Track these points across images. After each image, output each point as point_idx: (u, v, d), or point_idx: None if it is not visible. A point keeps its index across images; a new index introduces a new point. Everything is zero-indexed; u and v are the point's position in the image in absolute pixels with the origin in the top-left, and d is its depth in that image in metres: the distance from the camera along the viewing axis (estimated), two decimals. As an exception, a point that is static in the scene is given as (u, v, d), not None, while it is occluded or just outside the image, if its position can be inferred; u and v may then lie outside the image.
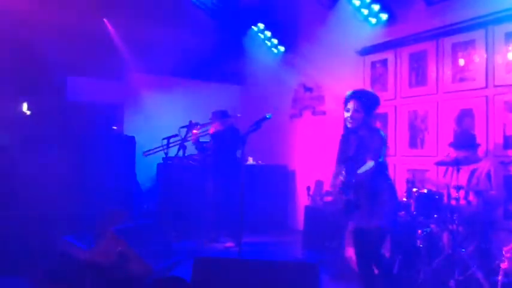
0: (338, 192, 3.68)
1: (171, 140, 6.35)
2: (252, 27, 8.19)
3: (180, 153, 6.35)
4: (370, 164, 3.50)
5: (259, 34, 8.24)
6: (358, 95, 3.72)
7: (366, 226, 3.52)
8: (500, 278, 3.88)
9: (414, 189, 4.74)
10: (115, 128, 7.05)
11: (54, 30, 6.63)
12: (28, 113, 7.70)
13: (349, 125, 3.71)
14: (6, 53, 6.41)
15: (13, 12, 6.31)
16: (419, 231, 4.55)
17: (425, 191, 4.71)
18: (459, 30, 5.60)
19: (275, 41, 8.22)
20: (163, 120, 7.57)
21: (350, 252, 4.73)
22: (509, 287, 3.86)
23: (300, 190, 7.95)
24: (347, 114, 3.70)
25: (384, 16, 6.42)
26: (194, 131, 6.46)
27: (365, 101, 3.68)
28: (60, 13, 6.64)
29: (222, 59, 8.13)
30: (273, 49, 8.27)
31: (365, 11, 6.53)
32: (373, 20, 6.52)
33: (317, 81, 7.77)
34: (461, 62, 5.63)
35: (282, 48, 8.23)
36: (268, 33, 8.20)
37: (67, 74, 7.28)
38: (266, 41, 8.26)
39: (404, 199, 4.81)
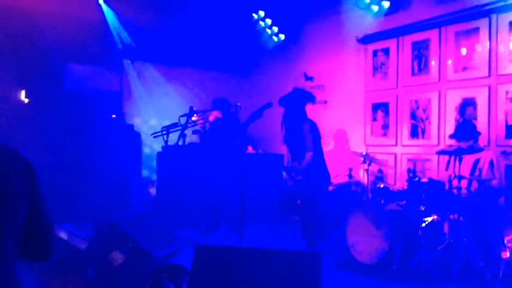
0: None
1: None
2: (253, 14, 8.10)
3: (180, 141, 6.30)
4: None
5: (260, 22, 8.15)
6: None
7: None
8: (501, 267, 3.88)
9: (415, 179, 4.73)
10: (114, 116, 6.99)
11: (53, 18, 6.56)
12: (26, 101, 7.64)
13: None
14: (5, 41, 6.34)
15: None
16: (421, 220, 4.55)
17: (426, 180, 4.70)
18: (462, 18, 5.55)
19: (275, 29, 8.14)
20: (163, 108, 7.53)
21: (351, 240, 4.73)
22: (511, 276, 3.86)
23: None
24: None
25: (386, 4, 6.35)
26: (193, 118, 6.42)
27: None
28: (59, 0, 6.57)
29: (223, 49, 8.05)
30: (273, 37, 8.19)
31: (367, -1, 6.46)
32: (375, 8, 6.45)
33: (318, 70, 7.71)
34: (464, 51, 5.58)
35: (282, 37, 8.15)
36: (269, 21, 8.11)
37: (66, 61, 7.20)
38: (267, 29, 8.18)
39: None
